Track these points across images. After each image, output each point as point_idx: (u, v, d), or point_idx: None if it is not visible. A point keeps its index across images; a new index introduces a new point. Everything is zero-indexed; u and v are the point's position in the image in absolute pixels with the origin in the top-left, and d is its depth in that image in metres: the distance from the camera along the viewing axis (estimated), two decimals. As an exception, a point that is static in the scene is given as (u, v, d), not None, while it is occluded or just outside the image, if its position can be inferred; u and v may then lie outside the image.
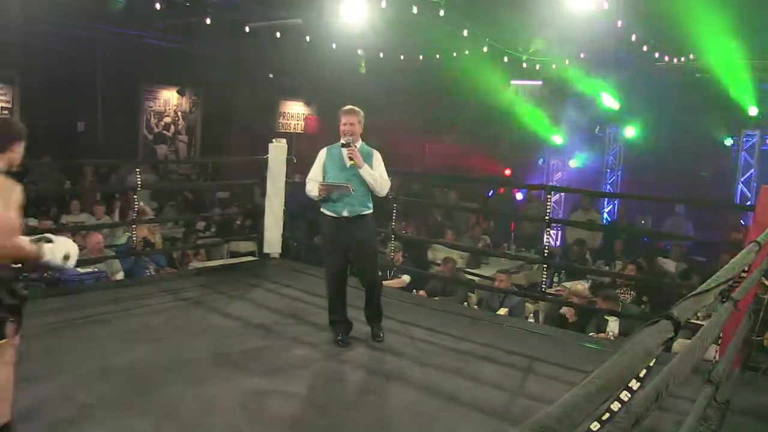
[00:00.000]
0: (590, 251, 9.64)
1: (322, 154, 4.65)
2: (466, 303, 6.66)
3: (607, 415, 1.50)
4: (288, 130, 14.43)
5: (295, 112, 15.09)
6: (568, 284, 7.27)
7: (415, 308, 5.69)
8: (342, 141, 4.51)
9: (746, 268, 2.89)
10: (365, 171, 4.47)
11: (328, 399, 3.76)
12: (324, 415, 3.54)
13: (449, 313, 5.65)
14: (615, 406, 1.50)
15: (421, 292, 6.65)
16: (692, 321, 4.75)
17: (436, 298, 6.53)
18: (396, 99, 11.75)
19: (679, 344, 4.74)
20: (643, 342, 1.43)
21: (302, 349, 4.49)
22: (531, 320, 6.28)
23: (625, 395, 1.49)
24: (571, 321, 5.71)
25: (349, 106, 4.57)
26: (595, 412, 1.34)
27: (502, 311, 6.09)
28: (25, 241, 2.78)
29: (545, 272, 6.31)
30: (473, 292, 6.91)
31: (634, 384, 1.50)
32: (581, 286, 6.45)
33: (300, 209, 7.47)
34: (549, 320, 6.05)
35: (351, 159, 4.46)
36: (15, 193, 2.70)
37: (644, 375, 1.51)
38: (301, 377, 4.00)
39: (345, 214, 4.47)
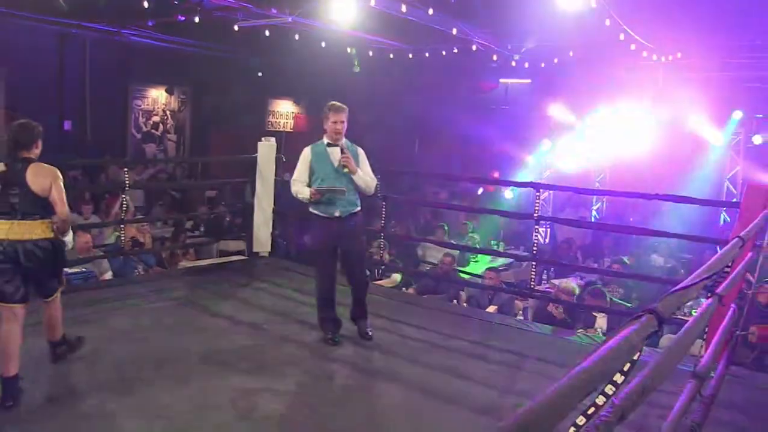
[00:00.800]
0: (580, 249, 9.72)
1: (307, 153, 4.56)
2: (455, 301, 6.69)
3: (593, 409, 1.51)
4: (277, 129, 14.39)
5: (285, 111, 15.06)
6: (557, 281, 7.32)
7: (405, 306, 5.70)
8: (326, 140, 4.48)
9: (730, 264, 2.92)
10: (358, 177, 4.46)
11: (317, 397, 3.77)
12: (313, 412, 3.54)
13: (439, 310, 5.67)
14: (600, 400, 1.51)
15: (410, 290, 6.67)
16: (679, 317, 4.80)
17: (425, 296, 6.55)
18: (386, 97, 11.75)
19: (666, 339, 4.81)
20: (626, 336, 1.44)
21: (291, 347, 4.49)
22: (520, 317, 6.31)
23: (610, 389, 1.51)
24: (559, 318, 5.75)
25: (338, 103, 4.49)
26: (581, 407, 1.35)
27: (492, 309, 6.12)
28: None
29: (534, 270, 6.34)
30: (463, 290, 6.94)
31: (619, 378, 1.51)
32: (571, 283, 6.49)
33: (289, 208, 7.45)
34: (538, 317, 6.08)
35: (345, 167, 4.41)
36: (60, 177, 3.46)
37: (628, 369, 1.52)
38: (290, 375, 4.00)
39: (337, 214, 4.45)
